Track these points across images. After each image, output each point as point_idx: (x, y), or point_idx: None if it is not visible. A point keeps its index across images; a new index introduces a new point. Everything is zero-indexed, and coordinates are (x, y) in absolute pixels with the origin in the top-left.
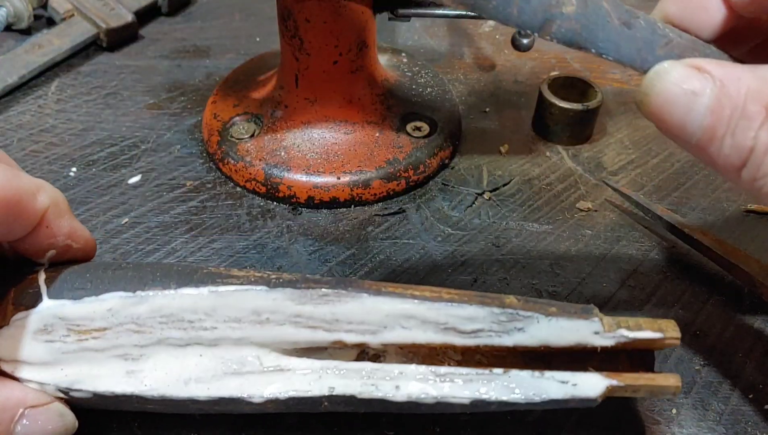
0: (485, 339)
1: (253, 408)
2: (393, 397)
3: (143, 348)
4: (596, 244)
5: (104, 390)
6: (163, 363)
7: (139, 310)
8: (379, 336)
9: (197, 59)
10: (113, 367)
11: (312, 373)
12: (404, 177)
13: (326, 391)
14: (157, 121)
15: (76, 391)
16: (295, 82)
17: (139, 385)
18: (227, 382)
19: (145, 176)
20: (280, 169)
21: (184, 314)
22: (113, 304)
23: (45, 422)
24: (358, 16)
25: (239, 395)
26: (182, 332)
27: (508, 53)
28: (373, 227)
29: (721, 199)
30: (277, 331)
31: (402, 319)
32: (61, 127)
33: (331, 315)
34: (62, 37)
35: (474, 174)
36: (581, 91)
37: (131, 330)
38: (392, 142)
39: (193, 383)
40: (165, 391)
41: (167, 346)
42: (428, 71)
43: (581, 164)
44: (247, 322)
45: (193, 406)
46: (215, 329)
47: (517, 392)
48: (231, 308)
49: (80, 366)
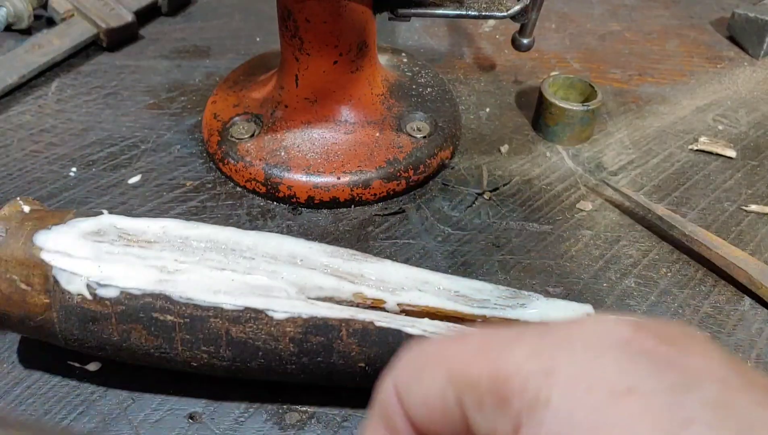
0: (491, 310)
1: (272, 334)
2: (408, 329)
3: (182, 263)
4: (596, 244)
5: (133, 287)
6: (197, 277)
7: (190, 232)
8: (397, 295)
9: (197, 59)
10: (148, 274)
11: (334, 308)
12: (404, 177)
13: (347, 315)
14: (157, 121)
15: (104, 287)
16: (295, 82)
17: (167, 288)
18: (254, 299)
19: (145, 176)
20: (280, 169)
21: (229, 243)
22: (168, 223)
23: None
24: (358, 16)
25: (263, 307)
26: (222, 256)
27: (508, 53)
28: (373, 227)
29: (721, 199)
30: (307, 272)
31: (419, 283)
32: (61, 127)
33: (357, 270)
34: (62, 37)
35: (474, 174)
36: (581, 91)
37: (177, 247)
38: (392, 142)
39: (222, 294)
40: (191, 294)
41: (205, 267)
42: (428, 71)
43: (581, 164)
44: (282, 261)
45: (214, 322)
46: (252, 260)
47: None
48: (271, 247)
49: (117, 267)
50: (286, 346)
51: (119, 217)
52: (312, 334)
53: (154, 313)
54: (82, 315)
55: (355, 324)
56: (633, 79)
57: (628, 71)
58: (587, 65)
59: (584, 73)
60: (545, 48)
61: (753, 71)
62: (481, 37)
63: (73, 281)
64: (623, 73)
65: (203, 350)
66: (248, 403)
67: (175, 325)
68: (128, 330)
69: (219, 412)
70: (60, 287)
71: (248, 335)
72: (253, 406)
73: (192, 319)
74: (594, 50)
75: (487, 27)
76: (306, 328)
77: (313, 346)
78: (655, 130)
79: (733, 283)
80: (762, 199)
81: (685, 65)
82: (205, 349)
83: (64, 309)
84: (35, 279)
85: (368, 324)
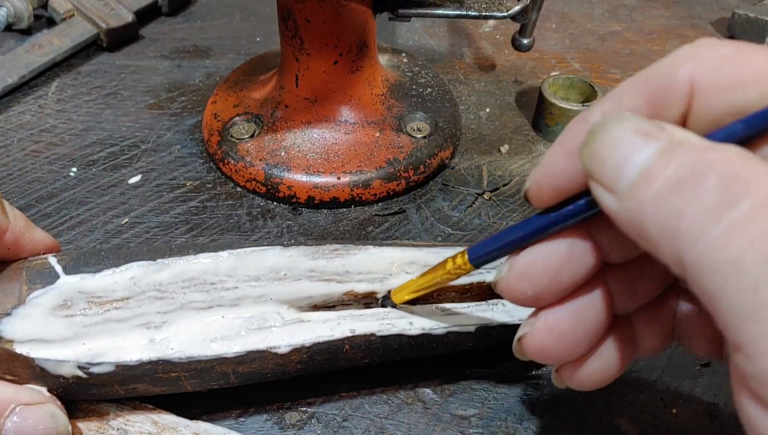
0: (476, 276)
1: (279, 363)
2: (409, 331)
3: (166, 314)
4: None
5: (128, 359)
6: (187, 326)
7: (161, 276)
8: (386, 283)
9: (197, 59)
10: (136, 337)
11: (331, 320)
12: (404, 177)
13: (348, 332)
14: (157, 121)
15: (98, 365)
16: (295, 82)
17: (164, 350)
18: (251, 337)
19: (145, 176)
20: (280, 169)
21: (206, 277)
22: (135, 272)
23: (36, 421)
24: (359, 16)
25: (265, 347)
26: (204, 295)
27: (508, 53)
28: (373, 227)
29: None
30: (294, 286)
31: (405, 265)
32: (61, 127)
33: (342, 267)
34: (62, 37)
35: (474, 174)
36: (581, 91)
37: (154, 297)
38: (392, 142)
39: (219, 341)
40: (191, 352)
41: (190, 311)
42: (428, 71)
43: None
44: (266, 280)
45: (220, 368)
46: (236, 289)
47: (512, 316)
48: (250, 268)
49: (102, 339)
50: (293, 368)
51: (78, 278)
52: (317, 355)
53: (156, 374)
54: (80, 387)
55: (357, 339)
56: None
57: (628, 71)
58: (587, 65)
59: (584, 73)
60: (545, 48)
61: None
62: (481, 37)
63: (63, 366)
64: (623, 73)
65: (212, 384)
66: (248, 403)
67: (181, 377)
68: (134, 387)
69: (219, 412)
70: (50, 374)
71: (255, 369)
72: (253, 406)
73: (197, 371)
74: (594, 50)
75: (487, 27)
76: (311, 353)
77: (319, 362)
78: None
79: None
80: None
81: None
82: (214, 384)
83: (62, 387)
84: (20, 371)
85: (370, 336)
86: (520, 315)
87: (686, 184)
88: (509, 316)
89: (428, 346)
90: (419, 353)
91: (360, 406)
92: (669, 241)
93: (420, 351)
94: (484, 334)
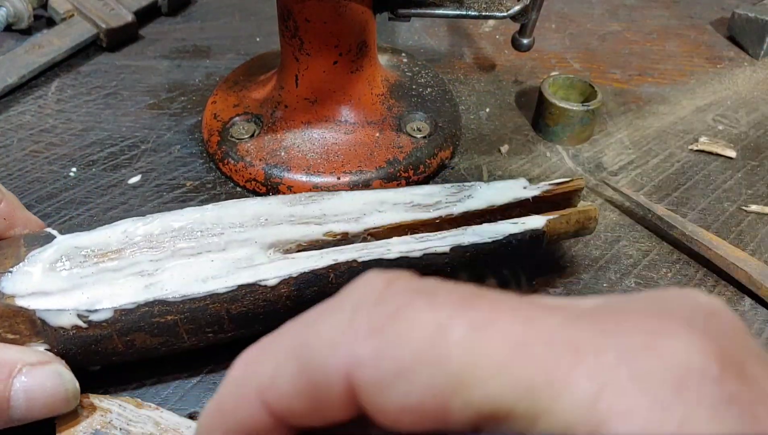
0: (444, 209)
1: (270, 299)
2: (387, 255)
3: (158, 262)
4: (596, 244)
5: (125, 302)
6: (179, 271)
7: (152, 228)
8: (361, 222)
9: (197, 59)
10: (132, 284)
11: (314, 256)
12: (404, 177)
13: (331, 261)
14: (157, 121)
15: (96, 312)
16: (295, 82)
17: (159, 292)
18: (241, 274)
19: (145, 176)
20: (280, 169)
21: (194, 226)
22: (127, 226)
23: (43, 379)
24: (358, 16)
25: (255, 280)
26: (193, 242)
27: (508, 53)
28: None
29: (721, 199)
30: (276, 229)
31: (377, 205)
32: (61, 127)
33: (319, 211)
34: (62, 37)
35: (474, 174)
36: (581, 91)
37: (146, 247)
38: (392, 142)
39: (210, 280)
40: (185, 291)
41: (181, 257)
42: (428, 71)
43: (581, 164)
44: (250, 226)
45: (213, 307)
46: (222, 235)
47: (483, 236)
48: (234, 216)
49: (99, 288)
50: (283, 305)
51: (74, 236)
52: (305, 288)
53: (153, 318)
54: (81, 342)
55: (340, 267)
56: (633, 79)
57: (628, 71)
58: (587, 65)
59: (584, 73)
60: (545, 48)
61: (753, 71)
62: (481, 37)
63: (62, 316)
64: (623, 73)
65: (207, 332)
66: None
67: (177, 320)
68: (132, 339)
69: None
70: (51, 326)
71: (248, 308)
72: None
73: (192, 311)
74: (594, 50)
75: (487, 27)
76: (298, 285)
77: (308, 296)
78: (655, 130)
79: (733, 283)
80: (762, 199)
81: (685, 65)
82: (209, 330)
83: (63, 342)
84: (21, 326)
85: (351, 262)
86: (491, 234)
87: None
88: (479, 237)
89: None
90: None
91: None
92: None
93: None
94: (459, 253)
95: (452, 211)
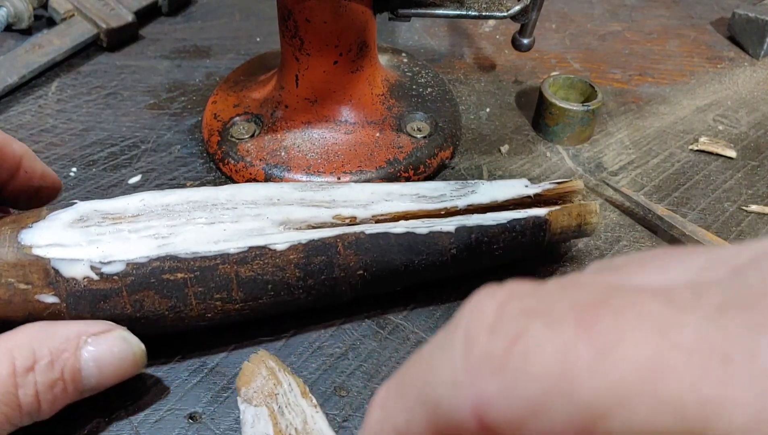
0: (448, 202)
1: (279, 265)
2: (394, 229)
3: (173, 227)
4: (596, 244)
5: (137, 256)
6: (193, 235)
7: (169, 199)
8: (369, 208)
9: (197, 59)
10: (146, 243)
11: (323, 231)
12: (404, 177)
13: (339, 231)
14: (157, 121)
15: (110, 264)
16: (295, 82)
17: (171, 248)
18: (252, 239)
19: (145, 176)
20: (280, 169)
21: (208, 200)
22: (144, 195)
23: (110, 345)
24: (359, 16)
25: (265, 243)
26: (208, 213)
27: (508, 53)
28: None
29: (721, 199)
30: (287, 208)
31: (384, 195)
32: (61, 127)
33: (329, 196)
34: (62, 37)
35: (474, 174)
36: (581, 91)
37: (162, 214)
38: (392, 142)
39: (222, 242)
40: (197, 248)
41: (195, 225)
42: (428, 71)
43: (581, 164)
44: (262, 204)
45: (223, 268)
46: (235, 209)
47: (488, 220)
48: (248, 195)
49: (114, 244)
50: (292, 273)
51: (95, 202)
52: (313, 256)
53: (163, 274)
54: (91, 296)
55: (348, 237)
56: (633, 79)
57: (628, 71)
58: (587, 65)
59: (584, 73)
60: (545, 48)
61: (753, 71)
62: (481, 37)
63: (76, 266)
64: (623, 73)
65: (216, 298)
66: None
67: (186, 280)
68: (140, 299)
69: (219, 413)
70: (63, 277)
71: (256, 272)
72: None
73: (202, 271)
74: (594, 50)
75: (487, 27)
76: (307, 252)
77: (316, 266)
78: (655, 130)
79: None
80: (762, 199)
81: (685, 65)
82: (218, 296)
83: (72, 296)
84: (34, 276)
85: (359, 234)
86: (495, 219)
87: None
88: (484, 221)
89: (414, 248)
90: (407, 257)
91: (360, 406)
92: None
93: (407, 254)
94: (464, 234)
95: (456, 204)
